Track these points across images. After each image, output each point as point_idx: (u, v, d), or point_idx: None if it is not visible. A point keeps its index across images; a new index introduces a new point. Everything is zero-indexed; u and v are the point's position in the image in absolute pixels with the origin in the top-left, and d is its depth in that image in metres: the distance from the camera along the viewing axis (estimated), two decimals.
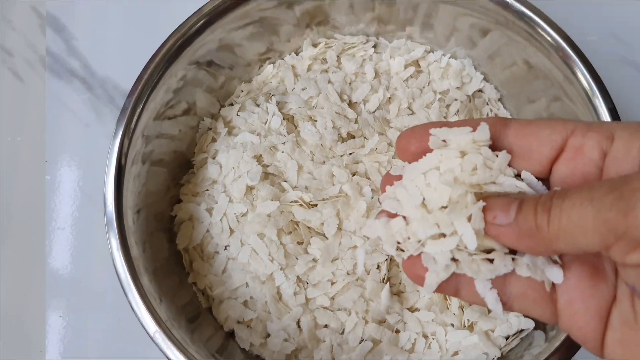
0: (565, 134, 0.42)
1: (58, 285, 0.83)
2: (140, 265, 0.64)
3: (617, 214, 0.33)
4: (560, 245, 0.37)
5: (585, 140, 0.41)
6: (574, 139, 0.41)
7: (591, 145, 0.40)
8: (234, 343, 0.72)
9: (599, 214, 0.34)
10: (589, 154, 0.40)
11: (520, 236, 0.40)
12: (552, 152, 0.43)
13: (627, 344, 0.39)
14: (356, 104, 0.80)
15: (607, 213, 0.33)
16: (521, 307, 0.45)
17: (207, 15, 0.72)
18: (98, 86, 0.92)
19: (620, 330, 0.40)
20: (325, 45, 0.84)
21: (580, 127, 0.41)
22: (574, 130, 0.41)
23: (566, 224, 0.36)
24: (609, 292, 0.41)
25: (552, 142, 0.42)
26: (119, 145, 0.66)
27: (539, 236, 0.38)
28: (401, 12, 0.80)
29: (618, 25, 0.94)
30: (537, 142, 0.43)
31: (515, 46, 0.74)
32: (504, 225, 0.40)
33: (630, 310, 0.39)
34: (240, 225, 0.73)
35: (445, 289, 0.45)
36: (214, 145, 0.78)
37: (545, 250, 0.40)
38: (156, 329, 0.60)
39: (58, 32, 0.96)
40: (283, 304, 0.71)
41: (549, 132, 0.42)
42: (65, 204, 0.87)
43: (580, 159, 0.41)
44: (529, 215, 0.39)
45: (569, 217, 0.36)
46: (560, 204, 0.37)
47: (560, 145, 0.42)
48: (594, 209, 0.34)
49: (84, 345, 0.81)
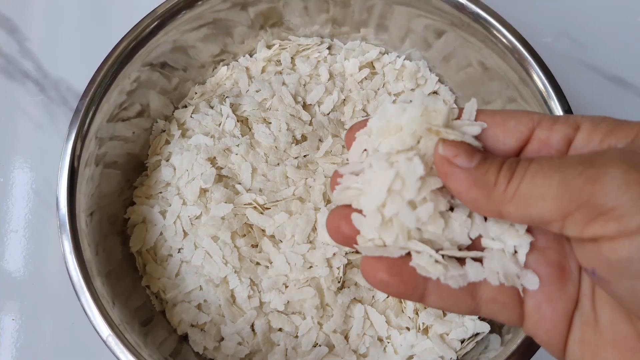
0: (531, 126, 0.41)
1: (11, 288, 0.82)
2: (93, 268, 0.64)
3: (586, 180, 0.33)
4: (511, 209, 0.37)
5: (552, 133, 0.40)
6: (541, 131, 0.41)
7: (558, 138, 0.40)
8: (187, 346, 0.71)
9: (566, 179, 0.34)
10: (556, 146, 0.40)
11: (472, 185, 0.39)
12: (517, 143, 0.42)
13: (586, 344, 0.39)
14: (310, 106, 0.81)
15: (575, 179, 0.33)
16: (489, 312, 0.44)
17: (160, 16, 0.71)
18: (51, 88, 0.92)
19: (581, 330, 0.40)
20: (280, 47, 0.85)
21: (546, 120, 0.41)
22: (540, 123, 0.41)
23: (527, 186, 0.36)
24: (574, 293, 0.40)
25: (518, 133, 0.41)
26: (71, 147, 0.65)
27: (492, 193, 0.38)
28: (356, 14, 0.81)
29: (573, 27, 0.95)
30: (503, 133, 0.42)
31: (471, 48, 0.75)
32: (461, 168, 0.39)
33: (590, 310, 0.39)
34: (194, 228, 0.73)
35: (412, 294, 0.43)
36: (167, 148, 0.78)
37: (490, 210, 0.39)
38: (109, 332, 0.60)
39: (11, 33, 0.95)
40: (237, 307, 0.71)
41: (515, 123, 0.41)
42: (18, 207, 0.86)
43: (546, 151, 0.40)
44: (492, 168, 0.38)
45: (532, 179, 0.36)
46: (527, 165, 0.37)
47: (527, 137, 0.41)
48: (562, 174, 0.34)
49: (37, 349, 0.80)
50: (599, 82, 0.92)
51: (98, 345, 0.61)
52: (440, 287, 0.43)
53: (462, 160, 0.39)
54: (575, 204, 0.33)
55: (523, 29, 0.68)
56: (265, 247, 0.72)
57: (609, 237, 0.33)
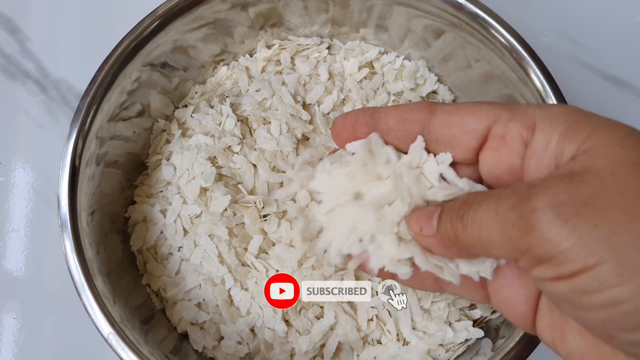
0: (487, 123, 0.42)
1: (12, 287, 0.83)
2: (94, 266, 0.64)
3: (520, 232, 0.34)
4: (478, 252, 0.39)
5: (507, 130, 0.41)
6: (496, 127, 0.41)
7: (513, 136, 0.40)
8: (187, 344, 0.72)
9: (504, 231, 0.35)
10: (512, 144, 0.41)
11: (444, 245, 0.41)
12: (475, 141, 0.43)
13: (555, 328, 0.40)
14: (310, 106, 0.81)
15: (510, 230, 0.34)
16: (454, 291, 0.47)
17: (161, 16, 0.71)
18: (52, 88, 0.92)
19: (549, 316, 0.41)
20: (280, 47, 0.85)
21: (502, 116, 0.41)
22: (496, 120, 0.41)
23: (477, 236, 0.37)
24: None
25: (474, 131, 0.42)
26: (73, 146, 0.65)
27: (458, 244, 0.39)
28: (355, 14, 0.81)
29: (572, 27, 0.95)
30: (461, 132, 0.43)
31: (469, 48, 0.75)
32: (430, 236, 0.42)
33: None
34: (194, 227, 0.73)
35: None
36: (168, 147, 0.78)
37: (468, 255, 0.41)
38: (110, 330, 0.60)
39: (12, 33, 0.95)
40: (235, 308, 0.71)
41: (472, 121, 0.42)
42: (20, 206, 0.87)
43: (504, 149, 0.41)
44: (447, 224, 0.40)
45: (479, 229, 0.37)
46: (472, 215, 0.38)
47: (484, 135, 0.42)
48: (499, 225, 0.35)
49: (37, 347, 0.81)
50: (597, 82, 0.92)
51: (99, 344, 0.62)
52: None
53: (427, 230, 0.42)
54: (518, 252, 0.35)
55: (521, 28, 0.69)
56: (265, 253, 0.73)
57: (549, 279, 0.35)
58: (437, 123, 0.45)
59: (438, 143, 0.45)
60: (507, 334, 0.65)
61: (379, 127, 0.48)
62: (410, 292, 0.70)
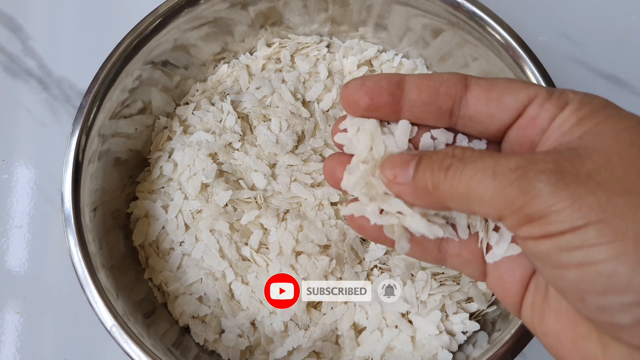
0: (526, 102, 0.41)
1: (15, 283, 0.84)
2: (97, 261, 0.65)
3: (518, 191, 0.34)
4: (454, 205, 0.39)
5: (541, 111, 0.40)
6: (532, 107, 0.40)
7: (544, 117, 0.40)
8: (189, 338, 0.72)
9: (500, 188, 0.35)
10: (541, 124, 0.40)
11: (417, 194, 0.41)
12: (509, 119, 0.42)
13: (535, 308, 0.41)
14: (310, 103, 0.81)
15: (508, 188, 0.35)
16: (454, 265, 0.47)
17: (162, 15, 0.72)
18: (54, 86, 0.92)
19: (533, 296, 0.41)
20: (279, 45, 0.85)
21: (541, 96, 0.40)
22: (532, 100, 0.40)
23: (463, 189, 0.37)
24: None
25: (512, 110, 0.41)
26: (76, 143, 0.66)
27: (434, 194, 0.39)
28: (355, 13, 0.81)
29: (569, 26, 0.95)
30: (498, 110, 0.42)
31: (467, 46, 0.75)
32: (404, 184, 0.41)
33: (543, 280, 0.41)
34: (195, 222, 0.74)
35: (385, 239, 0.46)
36: (169, 144, 0.79)
37: (440, 207, 0.41)
38: (113, 322, 0.61)
39: (14, 32, 0.96)
40: (235, 302, 0.72)
41: (511, 99, 0.41)
42: (22, 202, 0.87)
43: (531, 128, 0.41)
44: (426, 172, 0.40)
45: (467, 183, 0.37)
46: (461, 168, 0.37)
47: (519, 113, 0.41)
48: (495, 182, 0.35)
49: (40, 342, 0.81)
50: (594, 81, 0.92)
51: (101, 339, 0.62)
52: (412, 236, 0.45)
53: (401, 177, 0.41)
54: (508, 210, 0.35)
55: (519, 27, 0.69)
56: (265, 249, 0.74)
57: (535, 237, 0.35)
58: (472, 99, 0.42)
59: (472, 120, 0.43)
60: (502, 327, 0.66)
61: (406, 98, 0.44)
62: (408, 285, 0.70)
